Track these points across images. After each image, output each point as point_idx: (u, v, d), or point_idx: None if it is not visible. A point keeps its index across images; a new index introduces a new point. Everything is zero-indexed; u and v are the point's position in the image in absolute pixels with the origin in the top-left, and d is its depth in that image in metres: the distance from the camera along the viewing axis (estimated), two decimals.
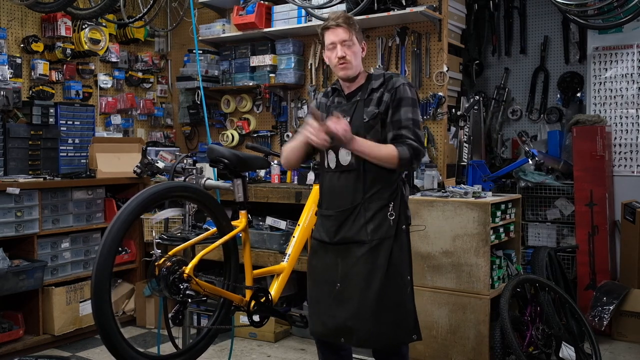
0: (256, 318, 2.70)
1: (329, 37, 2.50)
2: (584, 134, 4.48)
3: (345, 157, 2.48)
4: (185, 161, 3.33)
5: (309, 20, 4.76)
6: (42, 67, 4.63)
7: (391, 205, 2.46)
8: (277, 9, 4.99)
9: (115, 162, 4.69)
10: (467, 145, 4.68)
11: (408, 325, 2.48)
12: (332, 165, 2.53)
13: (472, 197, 3.68)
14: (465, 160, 4.67)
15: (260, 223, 4.46)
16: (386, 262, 2.42)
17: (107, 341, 2.04)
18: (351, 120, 2.45)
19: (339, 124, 2.27)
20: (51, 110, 4.60)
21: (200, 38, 5.29)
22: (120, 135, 5.28)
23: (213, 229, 2.63)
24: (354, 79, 2.54)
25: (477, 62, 5.59)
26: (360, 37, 2.54)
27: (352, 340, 2.47)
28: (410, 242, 2.56)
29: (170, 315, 2.41)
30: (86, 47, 4.79)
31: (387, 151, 2.39)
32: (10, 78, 4.39)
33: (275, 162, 4.84)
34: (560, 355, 3.52)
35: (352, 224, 2.46)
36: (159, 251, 2.24)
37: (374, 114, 2.45)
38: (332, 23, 2.49)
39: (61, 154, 4.74)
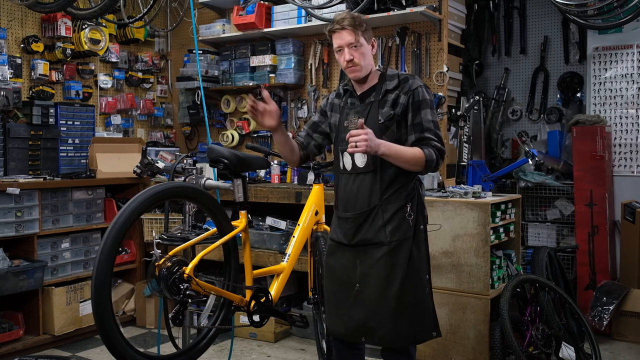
0: (256, 318, 2.71)
1: (336, 40, 2.48)
2: (584, 134, 4.48)
3: (361, 158, 2.46)
4: (185, 161, 3.33)
5: (309, 21, 4.76)
6: (42, 67, 4.63)
7: (409, 205, 2.45)
8: (277, 9, 4.99)
9: (115, 162, 4.68)
10: (467, 145, 4.69)
11: (427, 323, 2.49)
12: (348, 167, 2.51)
13: (472, 197, 3.68)
14: (465, 160, 4.67)
15: (260, 223, 4.46)
16: (405, 263, 2.42)
17: (107, 341, 2.04)
18: (365, 122, 2.40)
19: (359, 136, 2.22)
20: (51, 111, 4.60)
21: (200, 38, 5.29)
22: (120, 136, 5.28)
23: (213, 229, 2.63)
24: (365, 79, 2.51)
25: (477, 62, 5.59)
26: (368, 36, 2.49)
27: (373, 340, 2.47)
28: (428, 241, 2.55)
29: (170, 315, 2.41)
30: (86, 47, 4.79)
31: (413, 154, 2.37)
32: (10, 78, 4.38)
33: (275, 162, 4.84)
34: (560, 355, 3.52)
35: (370, 225, 2.45)
36: (159, 251, 2.24)
37: (390, 116, 2.43)
38: (337, 27, 2.45)
39: (61, 154, 4.74)
